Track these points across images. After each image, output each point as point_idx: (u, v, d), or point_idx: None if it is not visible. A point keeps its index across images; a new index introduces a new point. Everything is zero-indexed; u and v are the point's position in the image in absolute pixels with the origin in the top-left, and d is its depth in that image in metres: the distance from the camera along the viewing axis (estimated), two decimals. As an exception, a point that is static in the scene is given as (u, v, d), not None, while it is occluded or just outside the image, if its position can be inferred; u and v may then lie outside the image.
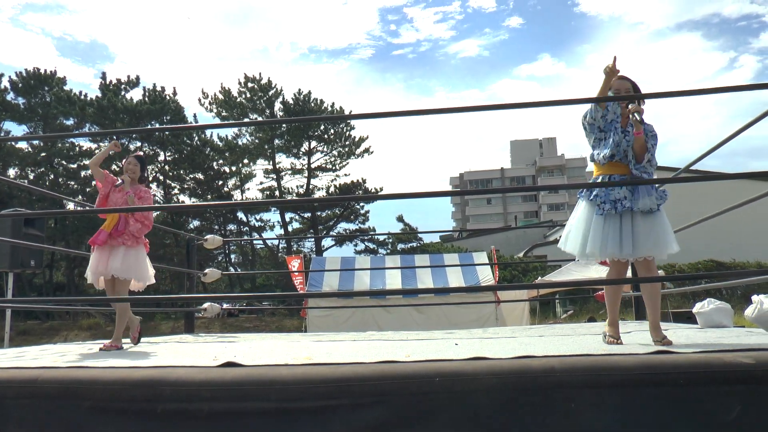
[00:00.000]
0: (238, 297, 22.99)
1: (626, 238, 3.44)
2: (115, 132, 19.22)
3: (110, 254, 4.50)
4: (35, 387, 2.26)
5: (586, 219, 3.61)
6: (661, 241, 3.43)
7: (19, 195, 30.65)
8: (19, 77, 35.75)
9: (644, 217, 3.46)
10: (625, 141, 3.56)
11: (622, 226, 3.46)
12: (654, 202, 3.44)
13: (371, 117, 4.37)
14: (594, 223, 3.52)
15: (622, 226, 3.46)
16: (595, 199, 3.54)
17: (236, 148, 37.71)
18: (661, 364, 2.19)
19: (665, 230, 3.46)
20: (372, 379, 2.15)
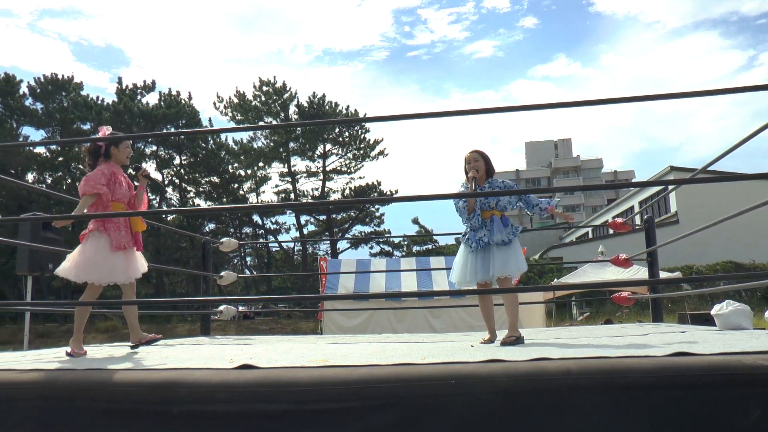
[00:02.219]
0: (253, 299, 23.16)
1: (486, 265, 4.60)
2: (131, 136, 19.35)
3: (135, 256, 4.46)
4: (54, 389, 2.28)
5: (463, 255, 4.78)
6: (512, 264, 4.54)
7: (37, 199, 30.97)
8: (37, 83, 36.15)
9: (499, 248, 4.59)
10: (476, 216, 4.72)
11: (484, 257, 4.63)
12: (506, 236, 4.59)
13: (386, 120, 4.37)
14: (469, 257, 4.70)
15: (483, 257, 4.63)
16: (468, 241, 4.71)
17: (251, 152, 37.88)
18: (678, 366, 2.17)
19: (516, 256, 4.59)
20: (387, 382, 2.15)
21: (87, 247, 4.22)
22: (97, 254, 4.17)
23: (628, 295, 7.26)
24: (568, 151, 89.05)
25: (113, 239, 4.21)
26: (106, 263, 4.18)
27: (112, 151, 4.44)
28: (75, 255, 4.24)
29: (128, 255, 4.35)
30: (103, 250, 4.19)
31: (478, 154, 4.85)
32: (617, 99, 3.74)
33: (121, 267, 4.24)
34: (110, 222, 4.24)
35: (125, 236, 4.30)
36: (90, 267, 4.15)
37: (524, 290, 15.50)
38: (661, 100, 3.73)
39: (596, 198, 78.94)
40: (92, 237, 4.23)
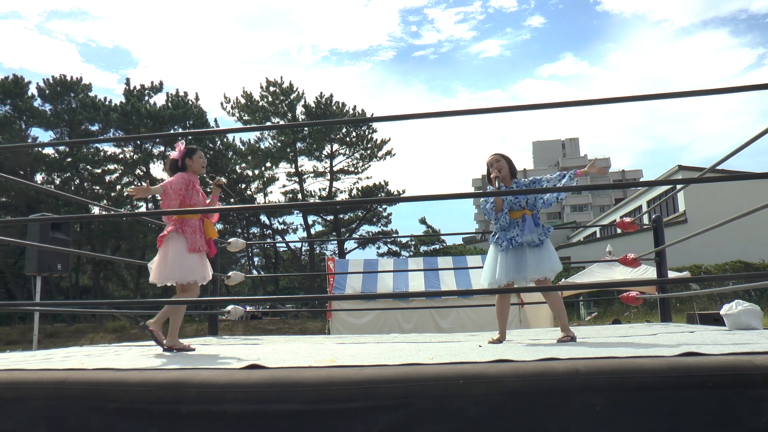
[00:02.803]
0: (261, 299, 23.12)
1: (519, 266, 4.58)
2: (138, 137, 19.40)
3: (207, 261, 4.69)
4: (63, 388, 2.29)
5: (493, 255, 4.76)
6: (546, 265, 4.55)
7: (46, 200, 31.10)
8: (46, 84, 36.31)
9: (532, 249, 4.59)
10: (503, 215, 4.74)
11: (516, 257, 4.61)
12: (538, 236, 4.60)
13: (393, 119, 4.37)
14: (499, 256, 4.68)
15: (516, 257, 4.61)
16: (498, 241, 4.72)
17: (258, 152, 37.94)
18: (688, 366, 2.17)
19: (550, 257, 4.59)
20: (395, 382, 2.15)
21: (168, 250, 4.48)
22: (176, 255, 4.44)
23: (636, 295, 7.23)
24: (576, 150, 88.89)
25: (189, 242, 4.46)
26: (185, 263, 4.43)
27: (187, 162, 4.71)
28: (158, 260, 4.52)
29: (202, 258, 4.58)
30: (181, 251, 4.44)
31: (500, 156, 4.88)
32: (625, 98, 3.73)
33: (194, 268, 4.48)
34: (187, 225, 4.51)
35: (200, 240, 4.56)
36: (172, 268, 4.41)
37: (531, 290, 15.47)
38: (669, 99, 3.72)
39: (604, 197, 78.73)
40: (171, 239, 4.50)
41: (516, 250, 4.62)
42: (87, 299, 34.79)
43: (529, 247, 4.59)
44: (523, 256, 4.60)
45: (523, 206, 4.73)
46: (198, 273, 4.49)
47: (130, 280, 41.00)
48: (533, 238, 4.58)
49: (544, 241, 4.63)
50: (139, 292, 38.35)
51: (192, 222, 4.55)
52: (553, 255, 4.62)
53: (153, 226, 32.98)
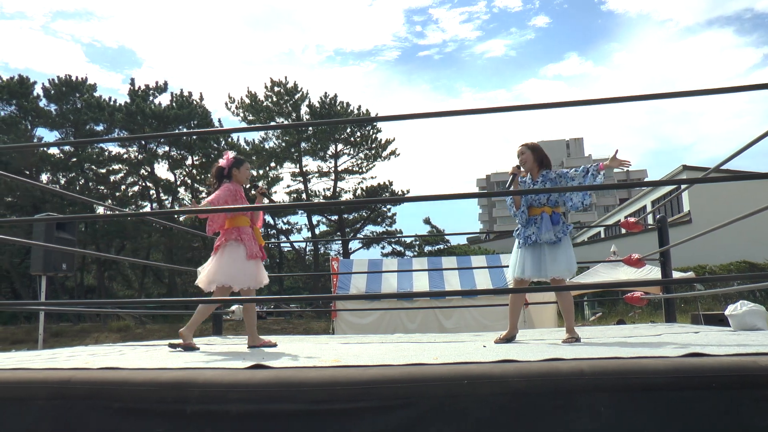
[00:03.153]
0: (265, 299, 23.03)
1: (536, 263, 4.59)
2: (143, 137, 19.44)
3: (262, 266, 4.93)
4: (68, 388, 2.30)
5: (515, 251, 4.79)
6: (562, 265, 4.51)
7: (51, 200, 31.16)
8: (51, 84, 36.39)
9: (550, 247, 4.56)
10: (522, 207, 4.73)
11: (534, 254, 4.61)
12: (554, 234, 4.54)
13: (397, 119, 4.37)
14: (519, 253, 4.71)
15: (533, 254, 4.62)
16: (519, 236, 4.73)
17: (263, 152, 37.96)
18: (693, 367, 2.16)
19: (567, 256, 4.54)
20: (400, 382, 2.15)
21: (224, 256, 4.70)
22: (234, 262, 4.67)
23: (640, 295, 7.22)
24: (580, 150, 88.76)
25: (248, 249, 4.73)
26: (243, 269, 4.67)
27: (234, 172, 4.90)
28: (211, 265, 4.73)
29: (258, 264, 4.85)
30: (240, 259, 4.68)
31: (525, 147, 4.78)
32: (629, 97, 3.72)
33: (253, 273, 4.75)
34: (244, 233, 4.76)
35: (255, 246, 4.82)
36: (229, 273, 4.63)
37: (536, 290, 15.45)
38: (673, 99, 3.71)
39: (608, 197, 78.62)
40: (230, 247, 4.73)
41: (533, 248, 4.62)
42: (92, 299, 34.86)
43: (547, 245, 4.56)
44: (540, 254, 4.59)
45: (542, 203, 4.67)
46: (255, 279, 4.76)
47: (134, 280, 41.07)
48: (549, 236, 4.53)
49: (562, 239, 4.57)
50: (143, 292, 38.41)
51: (246, 230, 4.80)
52: (569, 255, 4.57)
53: (158, 227, 33.06)
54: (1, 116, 34.36)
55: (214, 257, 4.74)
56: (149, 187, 39.10)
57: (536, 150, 4.75)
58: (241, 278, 4.66)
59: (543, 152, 4.76)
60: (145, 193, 39.26)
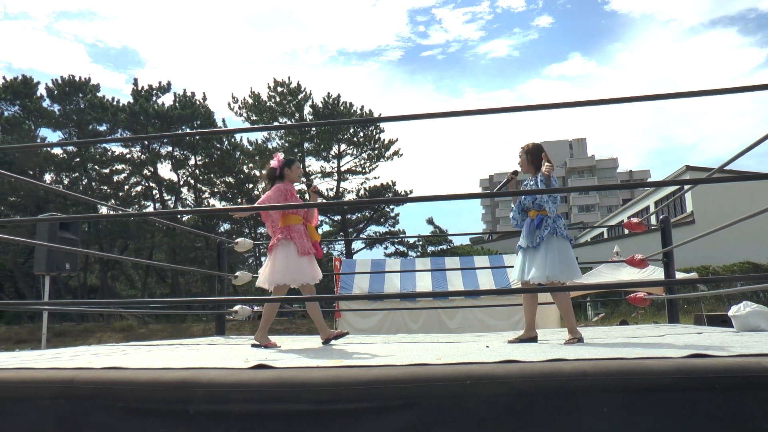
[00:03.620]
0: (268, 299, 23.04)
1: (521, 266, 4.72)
2: (146, 137, 19.45)
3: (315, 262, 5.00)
4: (71, 387, 2.30)
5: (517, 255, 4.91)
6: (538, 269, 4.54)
7: (54, 200, 31.22)
8: (55, 84, 36.46)
9: (532, 251, 4.64)
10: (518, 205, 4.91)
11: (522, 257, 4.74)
12: (532, 240, 4.61)
13: (400, 119, 4.37)
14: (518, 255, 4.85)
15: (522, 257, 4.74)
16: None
17: (266, 152, 37.95)
18: (696, 368, 2.16)
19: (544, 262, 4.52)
20: (403, 382, 2.15)
21: (277, 255, 4.82)
22: (287, 260, 4.79)
23: (643, 296, 7.21)
24: (583, 150, 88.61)
25: (299, 246, 4.82)
26: (296, 267, 4.78)
27: (285, 171, 5.05)
28: (268, 265, 4.88)
29: (311, 260, 4.93)
30: (292, 256, 4.79)
31: (522, 151, 4.82)
32: (633, 98, 3.72)
33: (308, 270, 4.85)
34: (294, 231, 4.87)
35: (307, 243, 4.91)
36: (283, 271, 4.75)
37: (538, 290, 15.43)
38: (677, 99, 3.71)
39: (611, 198, 78.55)
40: (281, 245, 4.84)
41: (525, 251, 4.71)
42: (95, 299, 34.91)
43: (531, 248, 4.64)
44: (524, 258, 4.71)
45: (529, 207, 4.75)
46: (309, 274, 4.84)
47: (137, 280, 41.13)
48: (527, 242, 4.65)
49: (541, 244, 4.57)
50: (146, 292, 38.46)
51: (298, 227, 4.90)
52: (551, 259, 4.53)
53: (161, 227, 33.10)
54: (5, 116, 34.44)
55: (269, 257, 4.89)
56: (152, 187, 39.17)
57: (531, 152, 4.75)
58: (296, 275, 4.77)
59: (539, 154, 4.73)
60: (148, 193, 39.33)
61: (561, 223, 4.67)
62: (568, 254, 4.60)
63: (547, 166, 4.54)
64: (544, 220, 4.62)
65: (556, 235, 4.58)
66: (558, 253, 4.55)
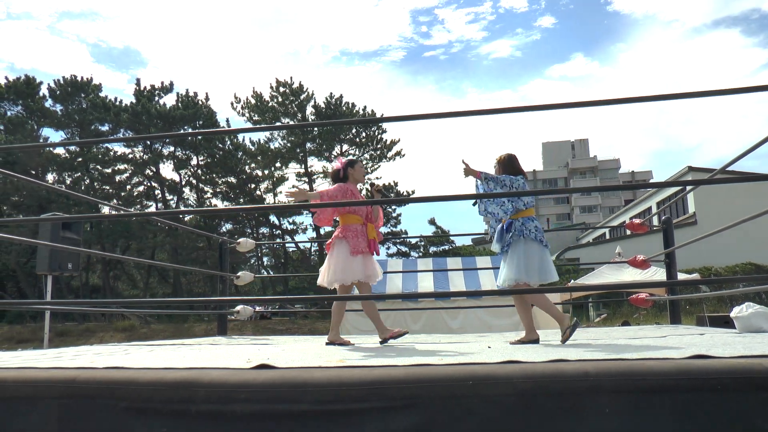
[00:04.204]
0: (270, 299, 23.17)
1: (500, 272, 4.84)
2: (148, 137, 19.47)
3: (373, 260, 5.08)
4: (74, 387, 2.31)
5: None
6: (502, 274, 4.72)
7: (57, 200, 31.27)
8: (57, 84, 36.52)
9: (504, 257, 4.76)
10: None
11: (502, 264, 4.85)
12: (500, 246, 4.76)
13: (403, 120, 4.37)
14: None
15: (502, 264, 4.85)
16: None
17: (268, 152, 38.01)
18: (698, 369, 2.15)
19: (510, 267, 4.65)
20: (405, 382, 2.15)
21: (332, 254, 4.94)
22: (339, 258, 4.88)
23: (645, 297, 7.21)
24: (586, 151, 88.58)
25: (352, 245, 4.89)
26: (348, 266, 4.85)
27: (349, 171, 5.16)
28: (325, 264, 4.99)
29: (366, 258, 4.97)
30: (345, 255, 4.88)
31: (496, 162, 5.01)
32: (635, 98, 3.72)
33: (359, 268, 4.89)
34: (349, 230, 4.95)
35: (362, 242, 4.95)
36: (335, 270, 4.86)
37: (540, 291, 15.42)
38: (679, 100, 3.70)
39: (613, 199, 78.50)
40: (336, 245, 4.95)
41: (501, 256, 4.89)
42: (97, 298, 34.95)
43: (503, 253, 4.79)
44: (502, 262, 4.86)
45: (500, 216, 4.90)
46: (360, 273, 4.88)
47: (139, 280, 41.16)
48: (498, 247, 4.82)
49: (507, 250, 4.71)
50: (148, 292, 38.50)
51: (354, 227, 4.97)
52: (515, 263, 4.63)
53: (163, 227, 33.12)
54: (8, 116, 34.51)
55: (328, 256, 5.00)
56: (154, 187, 39.22)
57: (502, 163, 4.93)
58: (349, 273, 4.83)
59: (510, 164, 4.90)
60: (150, 193, 39.38)
61: (531, 226, 4.68)
62: (537, 256, 4.63)
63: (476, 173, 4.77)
64: (513, 223, 4.69)
65: (523, 237, 4.63)
66: (524, 256, 4.61)
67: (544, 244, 4.71)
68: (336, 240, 4.95)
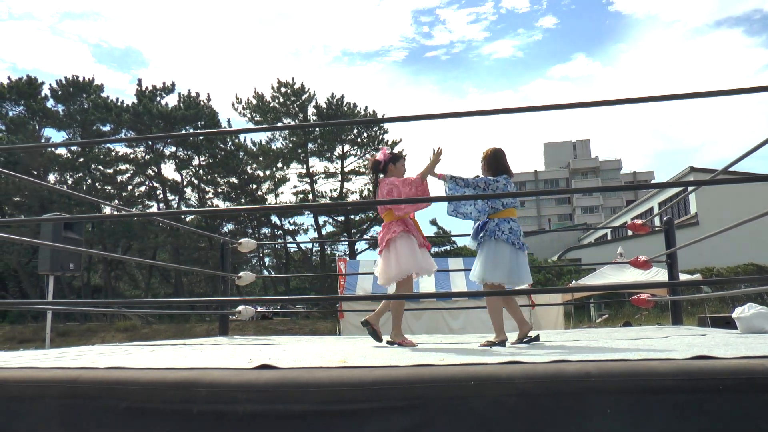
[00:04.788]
0: (272, 300, 23.23)
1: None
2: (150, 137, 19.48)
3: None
4: (75, 387, 2.31)
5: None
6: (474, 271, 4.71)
7: (58, 200, 31.30)
8: (59, 85, 36.56)
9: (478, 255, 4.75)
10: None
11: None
12: (471, 243, 4.81)
13: (404, 120, 4.37)
14: None
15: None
16: None
17: (270, 153, 38.01)
18: (700, 369, 2.15)
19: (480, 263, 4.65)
20: (406, 383, 2.15)
21: (399, 247, 4.77)
22: (413, 251, 4.78)
23: (647, 298, 7.20)
24: (587, 151, 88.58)
25: (418, 239, 4.87)
26: (423, 257, 4.85)
27: (390, 167, 5.05)
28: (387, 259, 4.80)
29: (425, 252, 4.96)
30: (415, 247, 4.82)
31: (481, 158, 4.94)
32: (637, 99, 3.71)
33: (429, 261, 4.91)
34: (410, 225, 4.90)
35: (421, 236, 4.94)
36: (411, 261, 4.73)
37: (542, 291, 15.43)
38: (681, 100, 3.70)
39: (615, 199, 78.50)
40: (401, 238, 4.80)
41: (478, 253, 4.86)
42: (98, 299, 34.96)
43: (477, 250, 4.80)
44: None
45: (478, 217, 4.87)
46: (431, 266, 4.90)
47: (141, 280, 41.19)
48: (472, 245, 4.85)
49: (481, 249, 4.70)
50: (150, 292, 38.52)
51: (410, 222, 4.94)
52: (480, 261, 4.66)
53: (164, 227, 33.15)
54: (10, 117, 34.56)
55: (386, 251, 4.81)
56: (156, 188, 39.23)
57: (486, 159, 4.86)
58: (423, 264, 4.81)
59: (495, 160, 4.83)
60: (151, 193, 39.41)
61: (506, 227, 4.62)
62: (507, 258, 4.57)
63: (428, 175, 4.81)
64: (488, 223, 4.66)
65: (494, 238, 4.60)
66: (492, 257, 4.59)
67: (518, 246, 4.62)
68: (402, 233, 4.78)
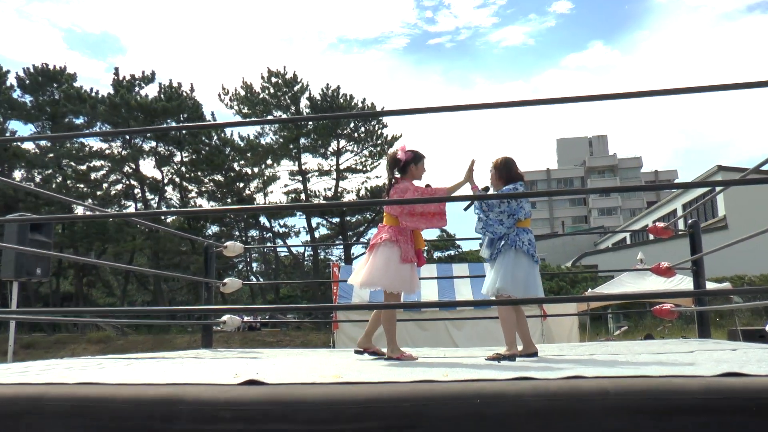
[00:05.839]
0: (260, 309, 23.17)
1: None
2: (128, 131, 19.48)
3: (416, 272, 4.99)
4: (41, 404, 2.29)
5: None
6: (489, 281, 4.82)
7: (25, 199, 31.27)
8: (27, 73, 36.53)
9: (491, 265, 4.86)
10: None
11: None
12: (485, 252, 4.90)
13: (405, 113, 4.38)
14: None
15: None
16: None
17: (259, 148, 38.02)
18: (729, 388, 2.15)
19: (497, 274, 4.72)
20: (407, 401, 2.15)
21: (378, 256, 4.74)
22: (388, 263, 4.69)
23: (670, 308, 7.20)
24: (604, 148, 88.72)
25: (403, 251, 4.75)
26: (397, 273, 4.69)
27: (410, 167, 5.01)
28: (367, 264, 4.80)
29: (413, 268, 4.86)
30: (394, 260, 4.71)
31: (492, 166, 5.01)
32: (658, 91, 3.71)
33: (408, 278, 4.77)
34: (402, 235, 4.80)
35: (411, 250, 4.83)
36: (382, 275, 4.67)
37: (555, 300, 15.43)
38: (707, 93, 3.70)
39: (635, 200, 78.60)
40: (384, 246, 4.76)
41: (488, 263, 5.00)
42: (68, 307, 34.94)
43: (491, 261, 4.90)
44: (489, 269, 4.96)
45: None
46: (407, 284, 4.75)
47: (116, 287, 41.22)
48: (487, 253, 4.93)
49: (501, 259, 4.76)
50: (126, 300, 38.52)
51: (405, 232, 4.84)
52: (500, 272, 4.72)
53: (143, 229, 33.13)
54: (-28, 108, 34.52)
55: (369, 255, 4.82)
56: (134, 186, 39.24)
57: (497, 167, 4.94)
58: (394, 281, 4.69)
59: (506, 168, 4.91)
60: (129, 192, 39.42)
61: (525, 238, 4.74)
62: (524, 270, 4.68)
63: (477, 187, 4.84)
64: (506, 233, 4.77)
65: (515, 248, 4.69)
66: (512, 267, 4.67)
67: (534, 259, 4.76)
68: (386, 242, 4.74)
